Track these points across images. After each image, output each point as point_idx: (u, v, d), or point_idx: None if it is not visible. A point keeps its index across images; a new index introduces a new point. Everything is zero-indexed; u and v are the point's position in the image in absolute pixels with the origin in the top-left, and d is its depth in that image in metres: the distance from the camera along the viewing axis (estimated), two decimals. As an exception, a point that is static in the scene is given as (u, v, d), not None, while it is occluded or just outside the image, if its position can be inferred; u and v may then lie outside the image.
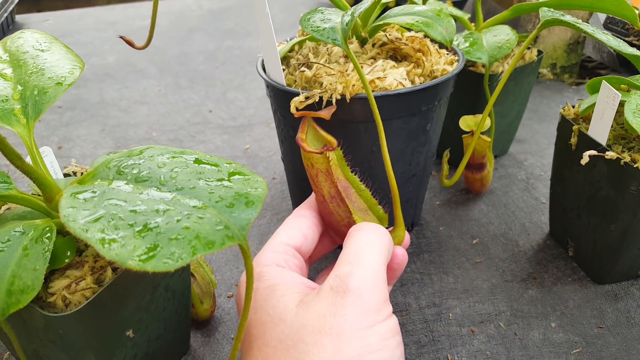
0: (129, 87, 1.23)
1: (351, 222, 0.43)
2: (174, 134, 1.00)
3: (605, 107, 0.51)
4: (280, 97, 0.56)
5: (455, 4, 1.35)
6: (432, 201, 0.76)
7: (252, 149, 0.94)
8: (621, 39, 1.17)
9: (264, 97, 1.16)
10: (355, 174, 0.45)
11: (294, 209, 0.72)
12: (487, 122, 0.66)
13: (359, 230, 0.39)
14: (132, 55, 1.42)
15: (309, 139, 0.46)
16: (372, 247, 0.37)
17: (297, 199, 0.69)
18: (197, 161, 0.34)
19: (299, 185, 0.66)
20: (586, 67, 1.26)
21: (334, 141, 0.44)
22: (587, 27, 0.51)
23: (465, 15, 0.81)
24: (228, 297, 0.60)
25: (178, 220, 0.30)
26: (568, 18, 0.53)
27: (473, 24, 0.82)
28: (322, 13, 0.50)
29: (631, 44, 1.15)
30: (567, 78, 1.22)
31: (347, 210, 0.43)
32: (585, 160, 0.51)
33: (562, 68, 1.21)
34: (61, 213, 0.30)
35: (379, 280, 0.35)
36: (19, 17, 1.80)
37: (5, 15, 1.57)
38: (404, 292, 0.59)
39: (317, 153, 0.42)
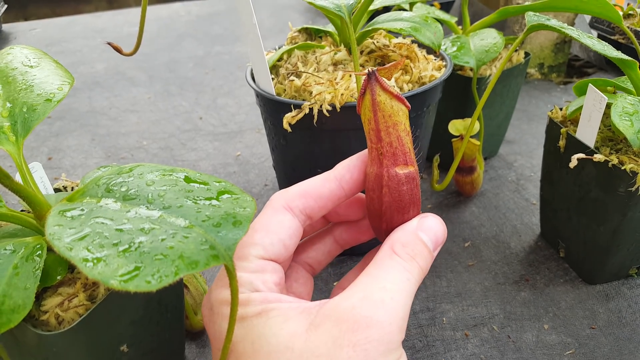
0: (118, 95, 1.22)
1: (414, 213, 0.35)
2: (165, 142, 0.99)
3: (592, 110, 0.51)
4: (270, 106, 0.56)
5: (442, 6, 1.36)
6: (424, 204, 0.76)
7: (244, 155, 0.94)
8: (607, 37, 1.18)
9: (254, 103, 1.16)
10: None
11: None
12: (476, 126, 0.66)
13: (401, 255, 0.33)
14: (121, 63, 1.42)
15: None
16: (411, 283, 0.32)
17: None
18: (187, 179, 0.34)
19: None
20: (573, 66, 1.27)
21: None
22: (572, 32, 0.52)
23: (452, 19, 0.82)
24: (222, 306, 0.60)
25: (162, 240, 0.29)
26: (553, 22, 0.54)
27: (460, 27, 0.82)
28: None
29: (617, 43, 1.16)
30: (555, 77, 1.23)
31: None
32: (573, 163, 0.52)
33: (550, 67, 1.22)
34: (47, 231, 0.30)
35: (406, 317, 0.31)
36: (6, 27, 1.79)
37: (-8, 24, 1.56)
38: (398, 297, 0.59)
39: (401, 102, 0.33)
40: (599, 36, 1.23)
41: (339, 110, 0.51)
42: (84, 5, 3.01)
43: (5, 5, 1.74)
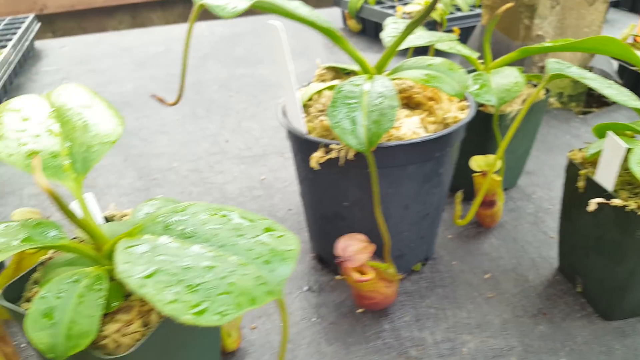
0: (148, 116, 1.27)
1: None
2: (194, 164, 1.03)
3: (611, 156, 0.54)
4: (300, 143, 0.60)
5: (462, 31, 1.40)
6: (445, 234, 0.79)
7: (268, 179, 0.98)
8: (628, 68, 1.20)
9: (277, 127, 1.19)
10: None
11: (310, 241, 0.75)
12: (498, 163, 0.69)
13: None
14: (149, 84, 1.47)
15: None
16: None
17: (315, 234, 0.72)
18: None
19: (317, 223, 0.69)
20: (593, 95, 1.29)
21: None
22: (593, 82, 0.54)
23: (473, 54, 0.85)
24: (252, 329, 0.63)
25: (223, 277, 0.33)
26: (574, 71, 0.57)
27: (481, 62, 0.85)
28: (347, 106, 0.53)
29: (638, 74, 1.18)
30: (574, 107, 1.25)
31: None
32: (592, 207, 0.54)
33: (569, 97, 1.24)
34: (117, 268, 0.34)
35: None
36: (37, 44, 1.86)
37: (27, 43, 1.63)
38: (420, 327, 0.62)
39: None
40: (620, 67, 1.26)
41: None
42: (108, 19, 3.09)
43: (39, 24, 1.81)
